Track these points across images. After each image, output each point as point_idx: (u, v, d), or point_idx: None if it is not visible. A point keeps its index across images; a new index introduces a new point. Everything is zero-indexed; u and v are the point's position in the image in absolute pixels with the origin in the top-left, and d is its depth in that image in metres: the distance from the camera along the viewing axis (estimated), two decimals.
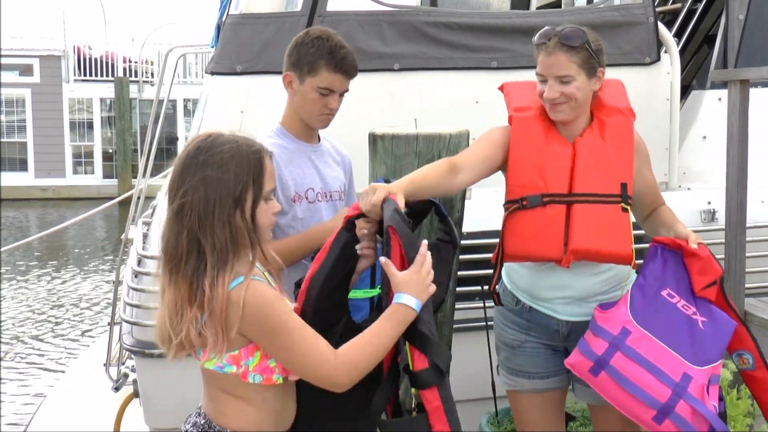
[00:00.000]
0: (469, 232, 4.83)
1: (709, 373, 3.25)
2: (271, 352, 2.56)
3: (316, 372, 2.54)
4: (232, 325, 2.47)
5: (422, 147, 3.69)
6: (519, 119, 3.51)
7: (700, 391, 3.21)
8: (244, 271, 2.52)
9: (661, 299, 3.34)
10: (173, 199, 2.54)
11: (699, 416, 3.18)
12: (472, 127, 3.83)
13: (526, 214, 3.39)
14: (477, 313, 4.66)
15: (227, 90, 5.04)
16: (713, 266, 3.37)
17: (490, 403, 4.62)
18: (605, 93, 3.53)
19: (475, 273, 4.89)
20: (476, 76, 5.24)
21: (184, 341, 2.50)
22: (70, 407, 7.03)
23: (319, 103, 3.47)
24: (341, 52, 3.43)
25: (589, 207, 3.36)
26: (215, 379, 2.63)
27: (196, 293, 2.48)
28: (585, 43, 3.34)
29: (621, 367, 3.25)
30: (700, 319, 3.29)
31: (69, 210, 26.01)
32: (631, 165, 3.43)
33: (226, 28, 5.10)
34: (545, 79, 3.38)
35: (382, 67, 5.08)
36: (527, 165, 3.43)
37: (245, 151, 2.57)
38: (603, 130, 3.45)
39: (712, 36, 6.40)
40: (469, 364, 4.61)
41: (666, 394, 3.20)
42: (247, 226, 2.53)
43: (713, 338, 3.28)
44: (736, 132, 4.57)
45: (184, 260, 2.50)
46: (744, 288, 4.65)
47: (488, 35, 5.24)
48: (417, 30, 5.18)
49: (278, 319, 2.51)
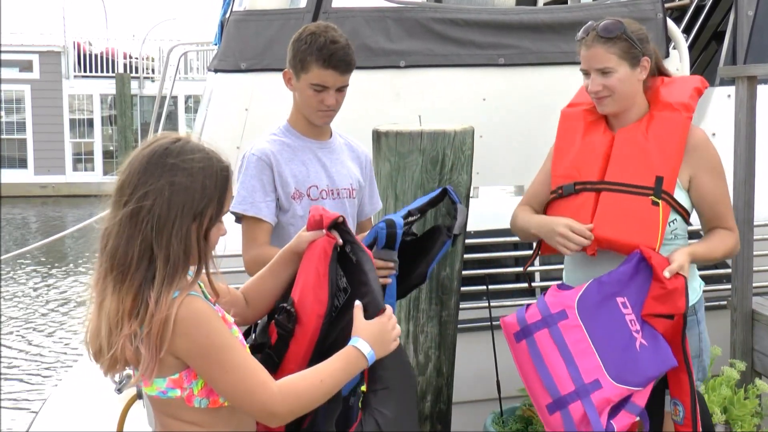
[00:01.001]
0: (476, 230, 4.86)
1: (622, 393, 3.20)
2: (204, 374, 2.38)
3: (253, 399, 2.37)
4: (163, 343, 2.30)
5: (426, 144, 3.72)
6: (565, 114, 3.67)
7: (603, 403, 3.17)
8: (182, 287, 2.37)
9: (613, 303, 3.30)
10: (128, 199, 2.36)
11: (587, 424, 3.16)
12: (480, 124, 3.86)
13: (560, 203, 3.51)
14: (482, 313, 4.68)
15: (231, 87, 5.06)
16: (675, 302, 3.27)
17: (495, 403, 4.64)
18: (669, 88, 3.55)
19: (480, 272, 4.92)
20: (483, 73, 5.26)
21: (118, 356, 2.34)
22: (73, 409, 7.05)
23: (314, 100, 3.47)
24: (331, 47, 3.40)
25: (616, 196, 3.40)
26: (161, 405, 2.48)
27: (139, 307, 2.32)
28: (623, 33, 3.40)
29: (541, 344, 3.29)
30: (641, 341, 3.23)
31: (69, 207, 26.06)
32: (675, 161, 3.41)
33: (230, 25, 5.11)
34: (588, 73, 3.47)
35: (387, 64, 5.10)
36: (566, 156, 3.55)
37: (216, 166, 2.43)
38: (650, 123, 3.48)
39: (721, 32, 6.41)
40: (474, 365, 4.64)
41: (569, 389, 3.20)
42: (199, 243, 2.40)
43: (644, 365, 3.22)
44: (744, 129, 4.59)
45: (133, 269, 2.34)
46: (751, 286, 4.66)
47: (495, 32, 5.26)
48: (423, 26, 5.20)
49: (213, 338, 2.35)
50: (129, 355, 2.33)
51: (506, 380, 4.62)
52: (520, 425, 4.61)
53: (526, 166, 5.20)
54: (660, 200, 3.37)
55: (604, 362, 3.23)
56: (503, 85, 5.27)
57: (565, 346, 3.26)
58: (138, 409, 5.68)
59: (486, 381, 4.61)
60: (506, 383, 4.62)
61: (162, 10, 51.72)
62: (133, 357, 2.33)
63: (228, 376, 2.36)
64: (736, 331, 4.72)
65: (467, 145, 3.83)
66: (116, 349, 2.33)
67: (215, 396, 2.43)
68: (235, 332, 2.52)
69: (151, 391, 2.43)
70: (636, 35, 3.44)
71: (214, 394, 2.42)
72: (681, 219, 3.47)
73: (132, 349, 2.32)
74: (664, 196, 3.37)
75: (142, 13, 53.93)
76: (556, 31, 5.29)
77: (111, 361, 2.36)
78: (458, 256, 3.95)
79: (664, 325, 3.28)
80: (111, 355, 2.35)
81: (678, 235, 3.49)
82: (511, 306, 4.92)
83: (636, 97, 3.50)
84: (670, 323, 3.28)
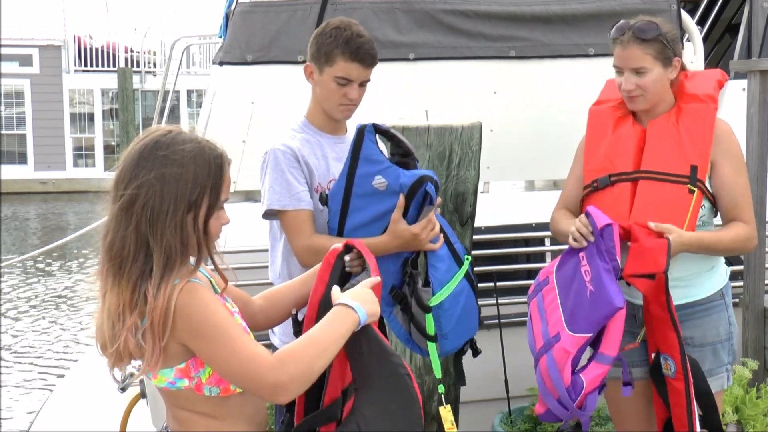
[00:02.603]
0: (486, 226, 4.86)
1: (578, 342, 3.31)
2: (205, 355, 2.41)
3: (252, 373, 2.38)
4: (164, 333, 2.36)
5: (433, 139, 3.75)
6: (593, 112, 3.76)
7: (562, 354, 3.31)
8: (182, 275, 2.41)
9: (576, 260, 3.44)
10: (122, 193, 2.42)
11: (549, 379, 3.33)
12: (490, 118, 3.87)
13: (596, 196, 3.60)
14: (490, 311, 4.69)
15: (237, 81, 5.07)
16: (655, 259, 3.34)
17: (503, 403, 4.65)
18: (693, 81, 3.66)
19: (488, 269, 4.93)
20: (494, 66, 5.27)
21: (122, 351, 2.39)
22: (74, 408, 7.07)
23: (337, 93, 3.54)
24: (358, 41, 3.50)
25: (654, 184, 3.50)
26: (172, 398, 2.53)
27: (137, 299, 2.38)
28: (659, 35, 3.51)
29: (532, 310, 3.61)
30: (590, 288, 3.33)
31: (69, 204, 26.09)
32: (705, 150, 3.52)
33: (235, 16, 5.12)
34: (622, 71, 3.57)
35: (396, 56, 5.10)
36: (597, 150, 3.65)
37: (208, 154, 2.48)
38: (679, 115, 3.59)
39: (735, 25, 6.42)
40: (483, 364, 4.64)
41: (540, 344, 3.45)
42: (198, 234, 2.45)
43: (590, 310, 3.31)
44: (756, 124, 4.60)
45: (130, 261, 2.40)
46: (764, 284, 4.68)
47: (506, 23, 5.27)
48: (433, 18, 5.21)
49: (210, 316, 2.39)
50: (132, 348, 2.38)
51: (515, 379, 4.64)
52: (529, 425, 4.63)
53: (537, 160, 5.23)
54: (695, 188, 3.48)
55: (564, 315, 3.41)
56: (514, 78, 5.28)
57: (542, 308, 3.53)
58: (141, 408, 5.71)
59: (494, 380, 4.62)
60: (515, 382, 4.64)
61: (164, 3, 51.72)
62: (136, 349, 2.39)
63: (226, 351, 2.38)
64: (747, 330, 4.74)
65: (475, 140, 3.84)
66: (120, 343, 2.38)
67: (226, 384, 2.47)
68: (237, 319, 2.55)
69: (160, 383, 2.48)
70: (670, 36, 3.56)
71: (225, 381, 2.46)
72: (709, 206, 3.58)
73: (134, 342, 2.37)
74: (698, 184, 3.49)
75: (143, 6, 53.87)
76: (568, 23, 5.29)
77: (116, 355, 2.41)
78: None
79: (646, 285, 3.38)
80: (115, 349, 2.40)
81: (705, 222, 3.59)
82: (520, 304, 4.93)
83: (665, 94, 3.61)
84: (651, 283, 3.36)
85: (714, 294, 3.62)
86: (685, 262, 3.52)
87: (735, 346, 3.71)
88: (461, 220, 4.00)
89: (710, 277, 3.63)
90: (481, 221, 4.11)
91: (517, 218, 3.78)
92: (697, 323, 3.59)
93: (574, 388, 3.28)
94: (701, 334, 3.60)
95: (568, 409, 3.31)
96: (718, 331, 3.61)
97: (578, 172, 3.75)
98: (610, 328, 3.30)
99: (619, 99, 3.69)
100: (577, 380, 3.29)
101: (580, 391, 3.28)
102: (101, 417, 6.46)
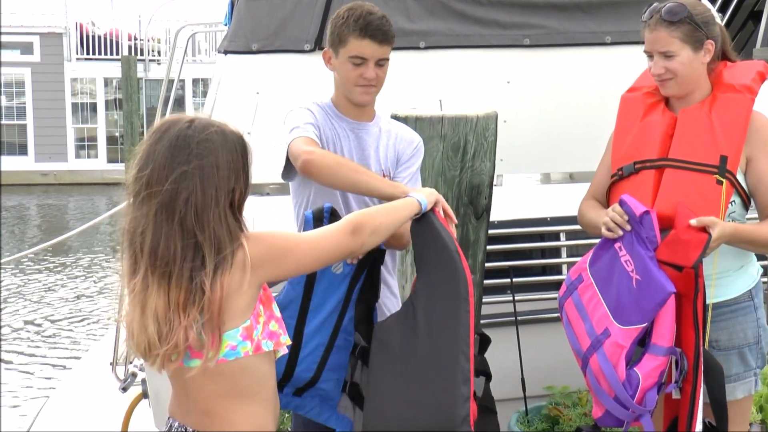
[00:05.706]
0: (500, 220, 4.84)
1: (631, 335, 3.29)
2: (302, 263, 2.68)
3: (347, 243, 2.73)
4: (222, 324, 2.48)
5: (448, 129, 3.73)
6: (624, 99, 3.77)
7: (614, 349, 3.29)
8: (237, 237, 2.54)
9: (612, 252, 3.44)
10: (158, 190, 2.45)
11: (604, 376, 3.30)
12: (504, 109, 3.85)
13: (621, 183, 3.60)
14: (507, 308, 4.68)
15: (242, 69, 5.07)
16: (687, 252, 3.31)
17: (519, 402, 4.65)
18: (732, 71, 3.63)
19: (504, 264, 4.91)
20: (507, 55, 5.26)
21: (180, 346, 2.44)
22: (75, 408, 7.10)
23: (353, 74, 3.53)
24: (368, 17, 3.50)
25: (679, 173, 3.48)
26: (214, 382, 2.55)
27: (194, 295, 2.43)
28: (686, 17, 3.48)
29: (569, 311, 3.57)
30: (636, 277, 3.33)
31: (71, 196, 26.13)
32: (738, 141, 3.49)
33: (240, 4, 5.11)
34: (652, 55, 3.57)
35: (407, 44, 5.06)
36: (625, 139, 3.65)
37: (231, 137, 2.55)
38: (713, 104, 3.56)
39: (758, 12, 6.38)
40: (498, 362, 4.63)
41: (586, 344, 3.41)
42: (237, 219, 2.53)
43: (640, 299, 3.30)
44: None
45: (179, 261, 2.43)
46: None
47: (520, 11, 5.25)
48: (444, 5, 5.19)
49: (282, 233, 2.68)
50: (193, 341, 2.45)
51: (531, 378, 4.63)
52: (546, 425, 4.63)
53: (552, 152, 5.21)
54: (724, 179, 3.44)
55: (610, 309, 3.39)
56: (529, 67, 5.27)
57: (582, 307, 3.50)
58: (143, 408, 5.71)
59: (510, 379, 4.61)
60: (532, 381, 4.63)
61: None
62: (197, 342, 2.46)
63: (319, 244, 2.71)
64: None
65: (490, 130, 3.83)
66: (177, 339, 2.43)
67: (276, 338, 2.61)
68: (276, 308, 2.65)
69: (221, 354, 2.49)
70: (701, 18, 3.52)
71: (275, 335, 2.61)
72: (740, 202, 3.54)
73: (195, 335, 2.44)
74: (728, 175, 3.45)
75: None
76: (584, 10, 5.27)
77: (166, 355, 2.46)
78: (481, 247, 3.95)
79: (673, 275, 3.32)
80: (165, 350, 2.44)
81: (735, 219, 3.54)
82: (537, 300, 4.92)
83: (700, 80, 3.58)
84: (678, 275, 3.31)
85: (742, 295, 3.60)
86: (715, 258, 3.46)
87: (765, 349, 3.67)
88: (476, 214, 3.98)
89: (739, 277, 3.61)
90: (494, 215, 4.09)
91: (532, 212, 3.76)
92: (723, 325, 3.56)
93: (630, 383, 3.25)
94: (727, 337, 3.57)
95: (627, 408, 3.26)
96: (745, 334, 3.58)
97: (607, 162, 3.75)
98: (660, 316, 3.28)
99: (653, 85, 3.68)
100: (632, 374, 3.25)
101: (636, 386, 3.24)
102: (102, 417, 6.48)
